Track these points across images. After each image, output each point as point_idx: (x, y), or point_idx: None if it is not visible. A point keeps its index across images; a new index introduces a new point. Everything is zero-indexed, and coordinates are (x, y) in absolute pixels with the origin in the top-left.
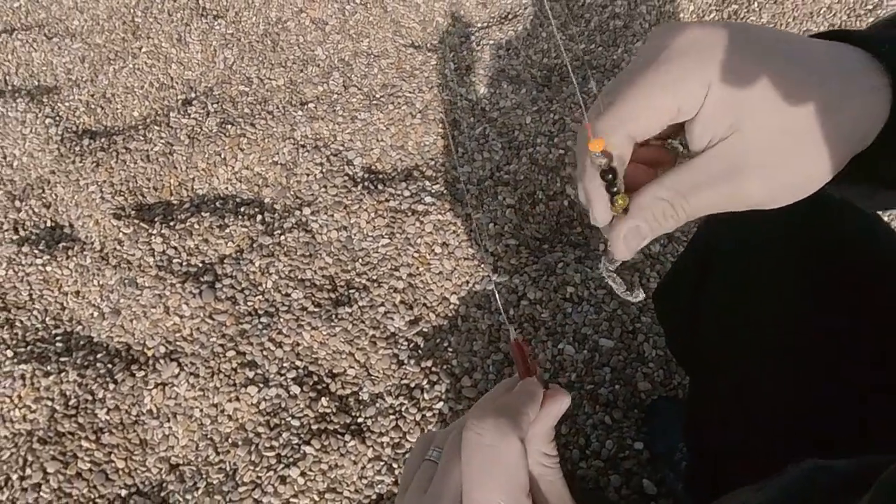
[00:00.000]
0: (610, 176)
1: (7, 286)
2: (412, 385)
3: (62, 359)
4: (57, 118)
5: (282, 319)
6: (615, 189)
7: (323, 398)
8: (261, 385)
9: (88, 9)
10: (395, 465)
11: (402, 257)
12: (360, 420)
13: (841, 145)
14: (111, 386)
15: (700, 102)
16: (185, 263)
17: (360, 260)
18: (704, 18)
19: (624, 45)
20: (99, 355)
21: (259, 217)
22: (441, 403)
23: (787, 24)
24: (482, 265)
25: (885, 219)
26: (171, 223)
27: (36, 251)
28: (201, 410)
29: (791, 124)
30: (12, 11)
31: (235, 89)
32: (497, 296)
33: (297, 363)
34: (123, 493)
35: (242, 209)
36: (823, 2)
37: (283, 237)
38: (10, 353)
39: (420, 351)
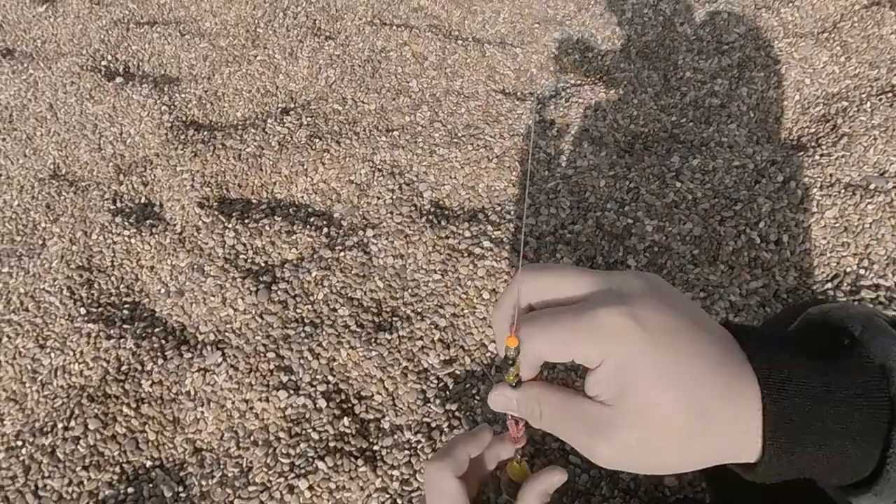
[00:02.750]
0: (510, 362)
1: (95, 249)
2: (433, 425)
3: (125, 325)
4: (172, 107)
5: (324, 332)
6: (511, 368)
7: (346, 417)
8: (291, 391)
9: (221, 14)
10: (399, 501)
11: (450, 296)
12: (375, 447)
13: (702, 456)
14: (160, 361)
15: (595, 365)
16: (249, 261)
17: (410, 290)
18: (810, 110)
19: (717, 124)
20: (156, 329)
21: (325, 230)
22: None
23: None
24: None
25: None
26: (246, 221)
27: (126, 223)
28: (233, 403)
29: (661, 423)
30: (158, 6)
31: (330, 107)
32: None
33: (329, 378)
34: (148, 464)
35: (312, 220)
36: None
37: (342, 254)
38: (83, 311)
39: (448, 392)
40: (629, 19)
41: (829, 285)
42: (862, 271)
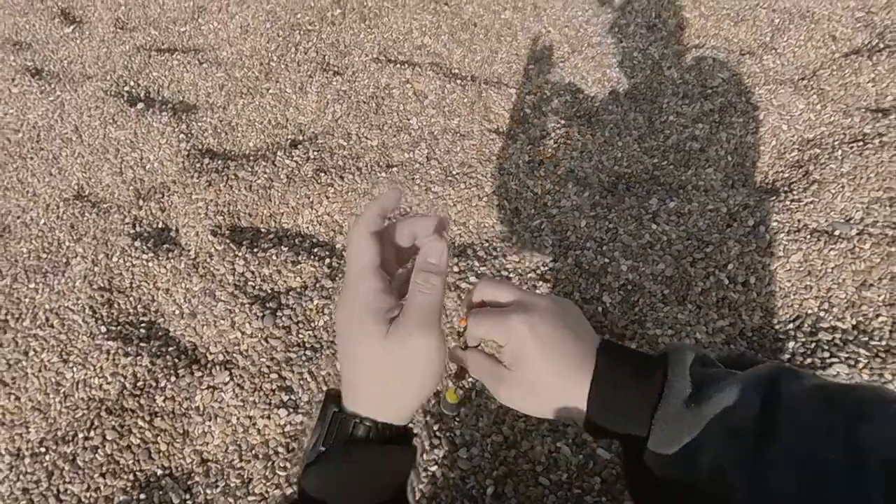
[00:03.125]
0: (460, 335)
1: (115, 271)
2: (415, 443)
3: (142, 344)
4: (189, 135)
5: (323, 356)
6: (461, 338)
7: None
8: (291, 410)
9: (237, 44)
10: None
11: None
12: None
13: (557, 410)
14: (172, 378)
15: (501, 345)
16: (257, 287)
17: None
18: (785, 156)
19: (695, 167)
20: (170, 348)
21: (327, 260)
22: (435, 467)
23: (867, 178)
24: None
25: None
26: (255, 250)
27: (145, 247)
28: (238, 419)
29: (529, 384)
30: (178, 34)
31: (335, 142)
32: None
33: None
34: (159, 472)
35: (315, 250)
36: None
37: (342, 283)
38: (103, 329)
39: (431, 414)
40: (619, 62)
41: (790, 326)
42: (822, 314)
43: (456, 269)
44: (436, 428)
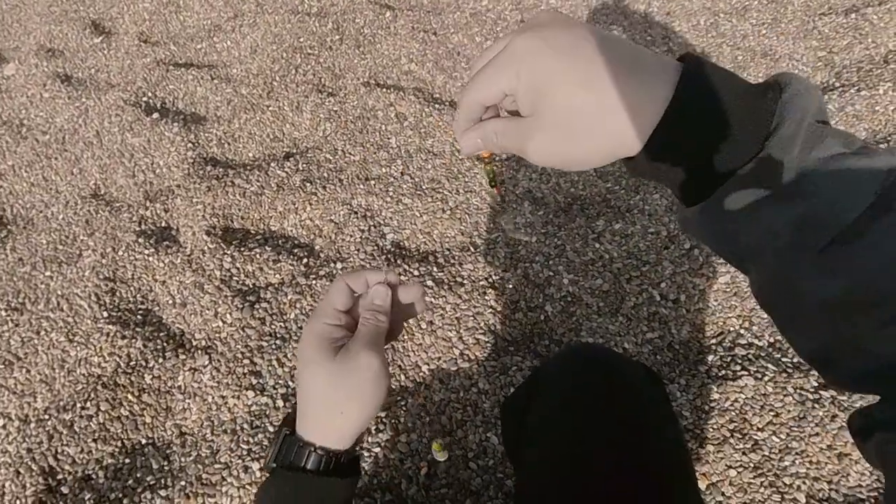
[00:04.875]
0: (487, 162)
1: (120, 263)
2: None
3: (137, 328)
4: (196, 144)
5: (290, 346)
6: (489, 165)
7: None
8: (258, 392)
9: (246, 62)
10: None
11: None
12: None
13: (608, 140)
14: (160, 360)
15: (515, 89)
16: (240, 282)
17: None
18: None
19: (644, 193)
20: (161, 333)
21: (305, 260)
22: (378, 449)
23: None
24: (453, 347)
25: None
26: (242, 249)
27: (147, 244)
28: (212, 398)
29: (570, 114)
30: (195, 50)
31: (323, 156)
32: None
33: (290, 384)
34: (143, 441)
35: (295, 251)
36: None
37: (314, 282)
38: (105, 314)
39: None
40: None
41: (713, 341)
42: (743, 331)
43: (416, 272)
44: (382, 414)
